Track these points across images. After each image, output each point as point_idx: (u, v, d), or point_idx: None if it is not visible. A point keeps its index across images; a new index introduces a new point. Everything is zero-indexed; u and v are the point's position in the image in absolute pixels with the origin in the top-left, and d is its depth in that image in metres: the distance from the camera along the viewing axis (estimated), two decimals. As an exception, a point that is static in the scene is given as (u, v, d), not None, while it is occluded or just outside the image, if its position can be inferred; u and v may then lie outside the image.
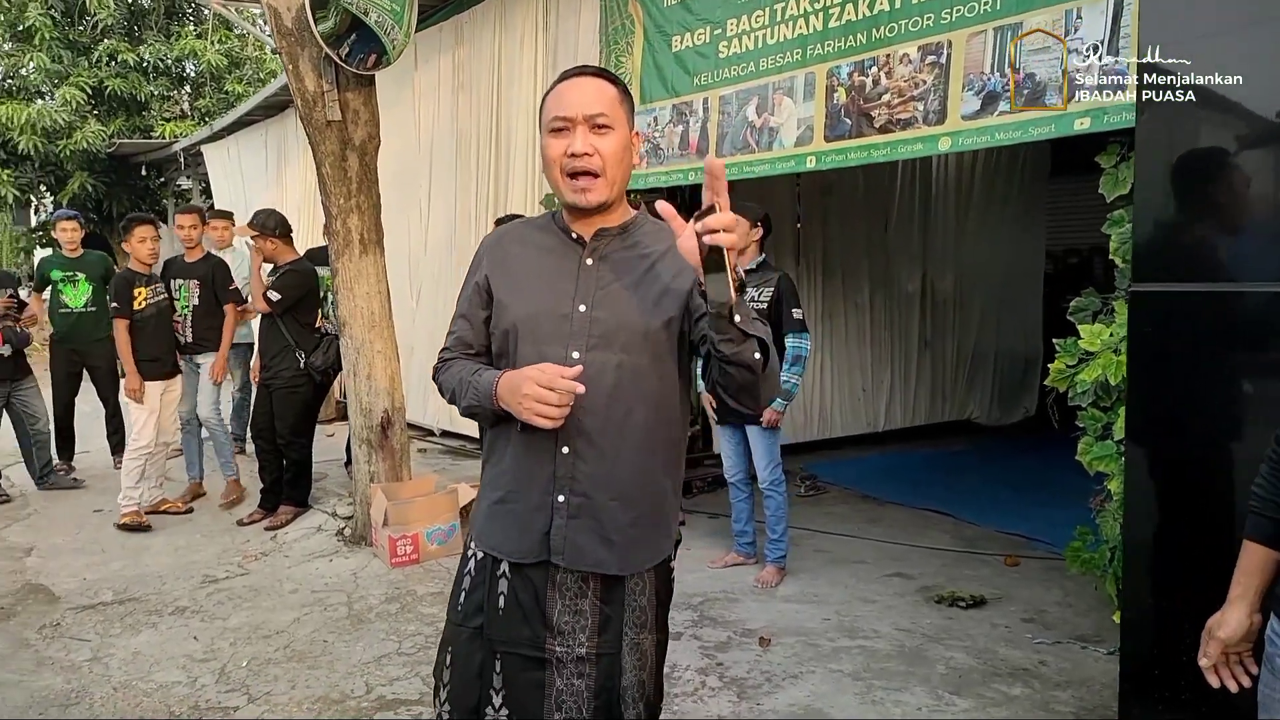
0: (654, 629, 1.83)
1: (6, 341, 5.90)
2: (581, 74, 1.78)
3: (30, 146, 13.45)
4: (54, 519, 5.73)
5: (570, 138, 1.71)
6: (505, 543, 1.80)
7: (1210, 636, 1.77)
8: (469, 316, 1.88)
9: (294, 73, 4.64)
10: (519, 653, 1.78)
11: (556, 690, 1.76)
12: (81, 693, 3.45)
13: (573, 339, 1.73)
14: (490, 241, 1.92)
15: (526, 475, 1.77)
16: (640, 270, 1.77)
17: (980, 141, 3.93)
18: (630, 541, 1.76)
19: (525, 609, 1.78)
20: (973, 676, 3.44)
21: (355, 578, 4.61)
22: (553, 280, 1.79)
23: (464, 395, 1.79)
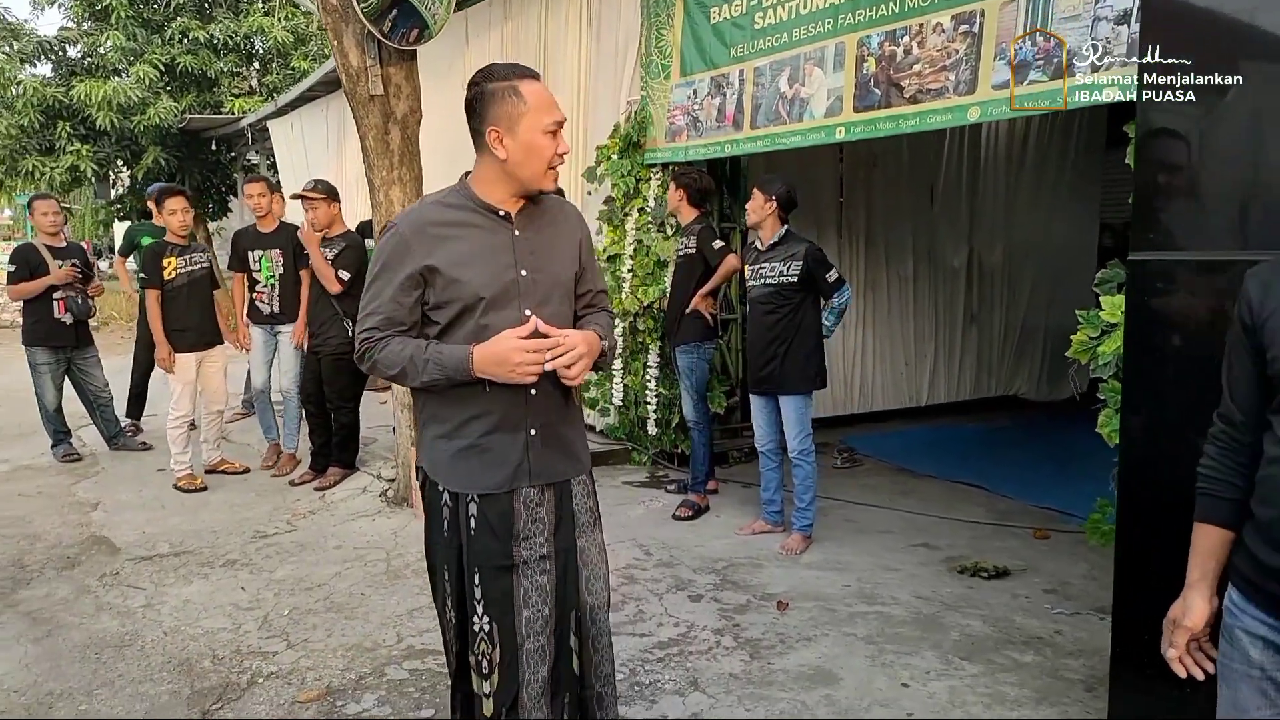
0: (597, 530, 2.26)
1: (68, 310, 6.20)
2: (538, 78, 2.10)
3: (107, 122, 13.93)
4: (120, 477, 6.05)
5: (560, 140, 2.07)
6: (482, 480, 2.08)
7: (1176, 626, 1.76)
8: (398, 299, 2.06)
9: (339, 49, 4.79)
10: (492, 564, 2.08)
11: (523, 590, 2.08)
12: (134, 635, 3.69)
13: (522, 299, 2.08)
14: (409, 231, 2.08)
15: (501, 419, 2.08)
16: (550, 236, 2.17)
17: (1010, 111, 3.91)
18: (577, 451, 2.22)
19: (495, 528, 2.08)
20: (986, 643, 3.48)
21: (395, 536, 4.80)
22: (494, 254, 2.08)
23: (422, 372, 2.03)
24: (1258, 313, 1.61)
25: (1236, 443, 1.70)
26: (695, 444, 5.16)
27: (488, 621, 2.07)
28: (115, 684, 3.30)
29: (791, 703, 3.08)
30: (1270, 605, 1.60)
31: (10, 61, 14.29)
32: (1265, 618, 1.62)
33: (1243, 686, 1.67)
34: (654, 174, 5.82)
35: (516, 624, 2.07)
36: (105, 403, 6.61)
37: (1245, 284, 1.65)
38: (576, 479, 2.20)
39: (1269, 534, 1.59)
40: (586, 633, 2.21)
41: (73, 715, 3.09)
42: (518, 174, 2.07)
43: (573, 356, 2.01)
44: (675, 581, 4.13)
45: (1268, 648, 1.62)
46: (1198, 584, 1.74)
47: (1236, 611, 1.68)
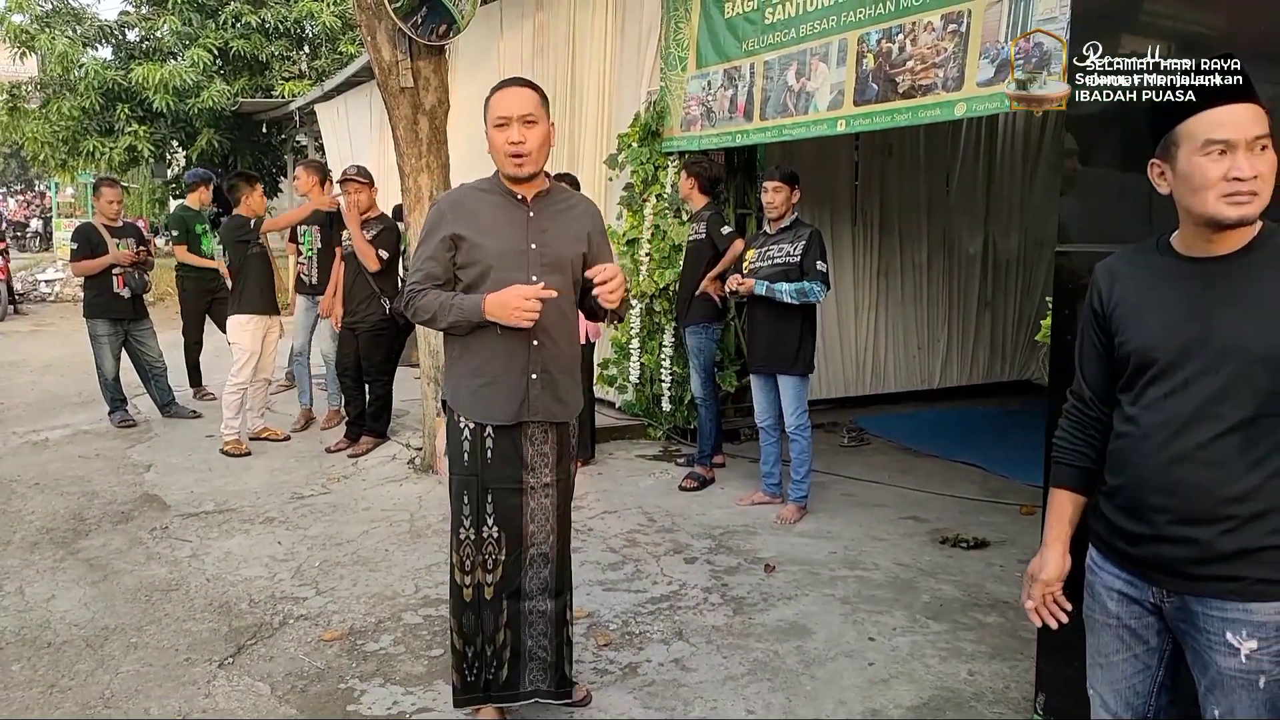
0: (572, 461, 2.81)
1: (126, 285, 6.68)
2: (514, 84, 2.61)
3: (163, 105, 14.48)
4: (171, 442, 6.50)
5: (509, 131, 2.53)
6: (492, 412, 2.61)
7: (1033, 580, 1.97)
8: (436, 258, 2.62)
9: (372, 44, 5.13)
10: (505, 487, 2.64)
11: (530, 509, 2.66)
12: (180, 581, 4.09)
13: (530, 267, 2.58)
14: (447, 205, 2.69)
15: (507, 362, 2.58)
16: (562, 221, 2.68)
17: (993, 107, 4.14)
18: (572, 399, 2.72)
19: (507, 456, 2.63)
20: (953, 605, 3.75)
21: (419, 500, 5.17)
22: (511, 228, 2.62)
23: (446, 315, 2.56)
24: (1106, 302, 1.84)
25: (1087, 417, 1.93)
26: (702, 419, 5.46)
27: (497, 530, 2.64)
28: (162, 621, 3.69)
29: (765, 652, 3.38)
30: (1123, 561, 1.84)
31: (73, 45, 14.88)
32: (1119, 573, 1.85)
33: (1103, 634, 1.92)
34: (671, 162, 6.09)
35: (523, 534, 2.65)
36: (160, 373, 7.06)
37: (1095, 274, 1.88)
38: (569, 422, 2.72)
39: (1118, 499, 1.83)
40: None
41: (124, 646, 3.49)
42: (495, 162, 2.62)
43: (609, 275, 2.50)
44: (673, 545, 4.44)
45: (1123, 599, 1.86)
46: (1053, 543, 1.95)
47: (1096, 569, 1.92)
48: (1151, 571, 1.79)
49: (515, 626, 2.70)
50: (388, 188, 7.51)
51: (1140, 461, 1.76)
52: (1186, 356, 1.70)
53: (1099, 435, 1.91)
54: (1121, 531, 1.83)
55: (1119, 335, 1.81)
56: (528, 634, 2.71)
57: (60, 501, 5.17)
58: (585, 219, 2.74)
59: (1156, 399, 1.74)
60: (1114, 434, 1.85)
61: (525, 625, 2.70)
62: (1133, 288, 1.81)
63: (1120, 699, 1.92)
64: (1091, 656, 1.97)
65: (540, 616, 2.71)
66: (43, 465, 5.91)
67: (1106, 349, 1.86)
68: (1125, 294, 1.82)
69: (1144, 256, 1.85)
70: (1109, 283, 1.85)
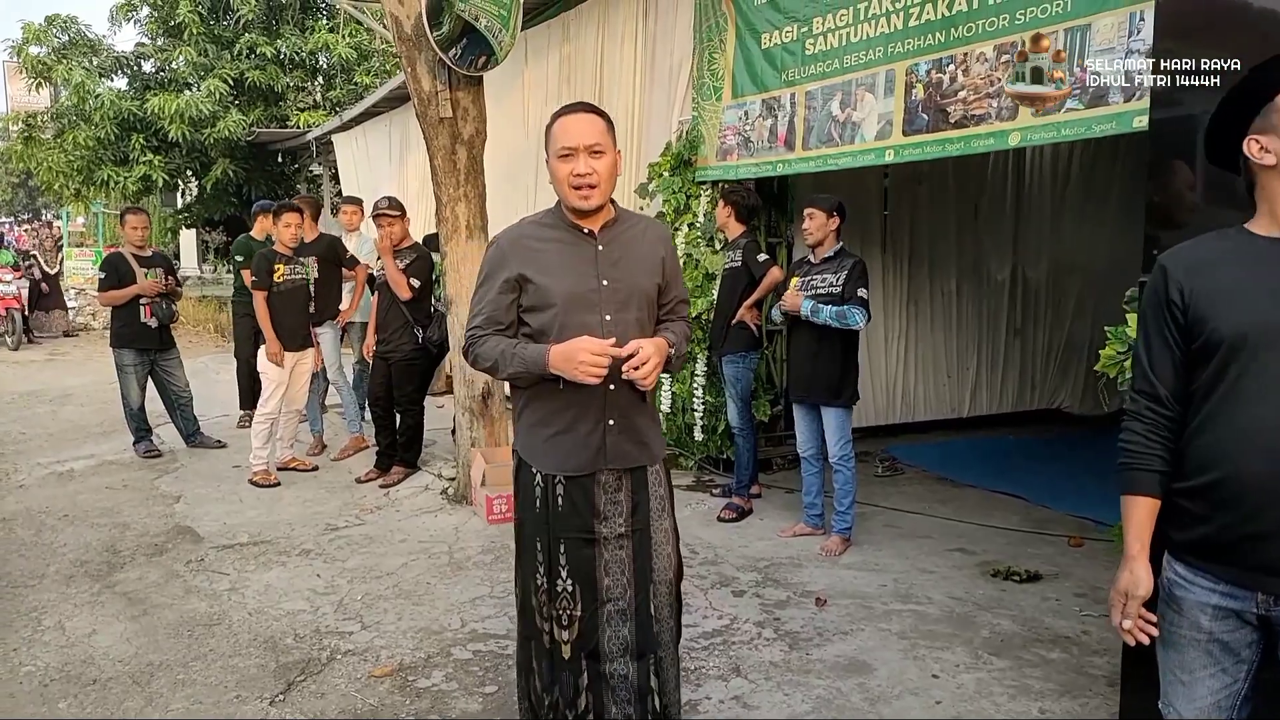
0: (669, 514, 2.57)
1: (154, 315, 6.65)
2: (578, 110, 2.42)
3: (179, 135, 14.53)
4: (199, 472, 6.44)
5: (575, 162, 2.35)
6: (565, 463, 2.44)
7: (1129, 598, 1.85)
8: (497, 301, 2.45)
9: (412, 75, 5.13)
10: (576, 537, 2.45)
11: (604, 560, 2.46)
12: (222, 615, 4.02)
13: (602, 306, 2.40)
14: (508, 244, 2.49)
15: (580, 410, 2.41)
16: (633, 252, 2.48)
17: (1047, 137, 4.12)
18: (650, 440, 2.52)
19: (578, 506, 2.44)
20: (1014, 641, 3.68)
21: (456, 531, 5.10)
22: (579, 265, 2.42)
23: (508, 365, 2.39)
24: (1185, 292, 1.78)
25: (1162, 418, 1.84)
26: (740, 450, 5.40)
27: (571, 584, 2.45)
28: (207, 657, 3.62)
29: (827, 689, 3.31)
30: (1223, 569, 1.75)
31: (90, 76, 14.97)
32: (1216, 585, 1.77)
33: (1189, 651, 1.84)
34: (704, 190, 6.08)
35: (598, 588, 2.45)
36: (185, 402, 7.02)
37: (1166, 268, 1.83)
38: (651, 468, 2.51)
39: (1213, 499, 1.74)
40: (655, 603, 2.53)
41: (172, 683, 3.42)
42: (558, 194, 2.44)
43: (648, 369, 2.29)
44: (719, 578, 4.37)
45: (1218, 613, 1.79)
46: (1140, 555, 1.84)
47: (1185, 584, 1.83)
48: (1261, 576, 1.71)
49: (598, 692, 2.47)
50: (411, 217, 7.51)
51: (1243, 455, 1.69)
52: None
53: (1174, 437, 1.84)
54: (1218, 537, 1.74)
55: (1208, 323, 1.75)
56: (610, 700, 2.46)
57: (92, 533, 5.11)
58: (658, 244, 2.54)
59: (1259, 385, 1.68)
60: (1196, 430, 1.78)
61: (608, 692, 2.46)
62: (1213, 274, 1.77)
63: (1202, 716, 1.85)
64: (1171, 674, 1.90)
65: (623, 682, 2.46)
66: (71, 497, 5.85)
67: (1183, 344, 1.80)
68: (1205, 282, 1.77)
69: (1221, 243, 1.81)
70: (1184, 273, 1.80)
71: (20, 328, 13.13)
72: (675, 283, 2.60)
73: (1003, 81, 4.13)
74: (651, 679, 2.52)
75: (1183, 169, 2.47)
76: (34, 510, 5.56)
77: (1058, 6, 3.97)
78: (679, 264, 2.69)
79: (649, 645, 2.50)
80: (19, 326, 13.10)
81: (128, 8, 16.22)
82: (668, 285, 2.55)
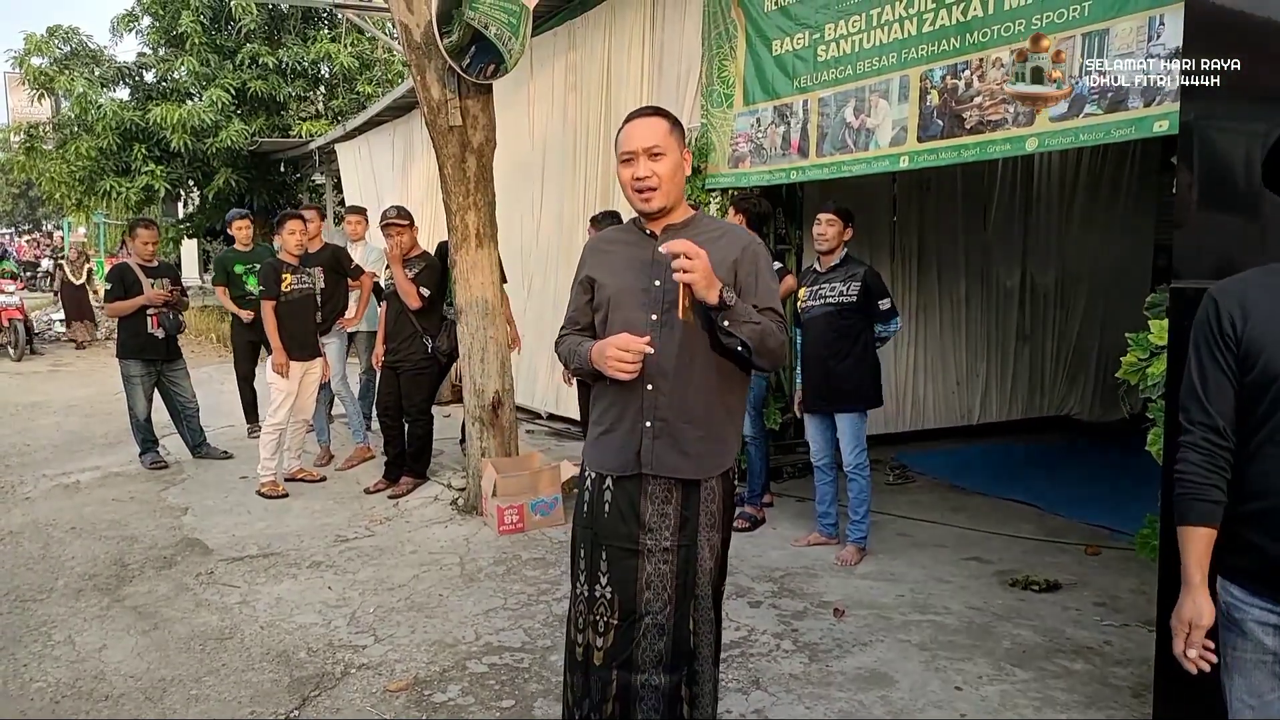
0: (720, 529, 2.48)
1: (161, 326, 6.61)
2: (642, 114, 2.45)
3: (181, 144, 14.52)
4: (205, 483, 6.40)
5: (635, 166, 2.38)
6: (608, 461, 2.45)
7: (1193, 627, 1.86)
8: (576, 302, 2.58)
9: (421, 83, 5.10)
10: (619, 545, 2.41)
11: (646, 574, 2.39)
12: (233, 629, 3.98)
13: (652, 306, 2.39)
14: (588, 247, 2.65)
15: (621, 409, 2.42)
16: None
17: (1065, 142, 4.08)
18: (699, 453, 2.39)
19: (623, 512, 2.41)
20: (1036, 652, 3.63)
21: (467, 542, 5.06)
22: (635, 265, 2.45)
23: (573, 360, 2.50)
24: (1239, 325, 1.81)
25: (1219, 448, 1.87)
26: (751, 459, 5.36)
27: (610, 591, 2.42)
28: (220, 672, 3.58)
29: (849, 702, 3.27)
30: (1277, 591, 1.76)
31: (91, 86, 14.96)
32: (1275, 606, 1.78)
33: (1257, 673, 1.84)
34: (713, 198, 6.05)
35: (637, 600, 2.39)
36: (192, 413, 6.98)
37: (1217, 299, 1.85)
38: (705, 482, 2.41)
39: (1269, 523, 1.76)
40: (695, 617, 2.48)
41: (185, 699, 3.38)
42: (625, 198, 2.48)
43: (693, 264, 2.15)
44: (735, 589, 4.33)
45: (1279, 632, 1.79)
46: (1202, 585, 1.86)
47: (1243, 606, 1.84)
48: None
49: (625, 700, 2.42)
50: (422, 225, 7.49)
51: None
52: None
53: (1229, 468, 1.86)
54: (1274, 562, 1.76)
55: (1260, 357, 1.78)
56: (638, 709, 2.42)
57: (100, 546, 5.07)
58: (732, 249, 2.39)
59: None
60: (1250, 458, 1.81)
61: (636, 700, 2.42)
62: (1262, 309, 1.79)
63: None
64: (1239, 700, 1.88)
65: (652, 692, 2.41)
66: (77, 509, 5.81)
67: (1237, 374, 1.83)
68: (1257, 317, 1.79)
69: (1269, 279, 1.83)
70: (1239, 306, 1.82)
71: (23, 339, 13.08)
72: (753, 291, 2.38)
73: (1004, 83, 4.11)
74: (683, 689, 2.46)
75: (1214, 169, 2.44)
76: (41, 523, 5.51)
77: (1075, 11, 3.94)
78: (765, 276, 2.44)
79: (683, 660, 2.45)
80: (21, 337, 13.06)
81: (129, 18, 16.21)
82: (743, 292, 2.36)
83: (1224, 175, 2.43)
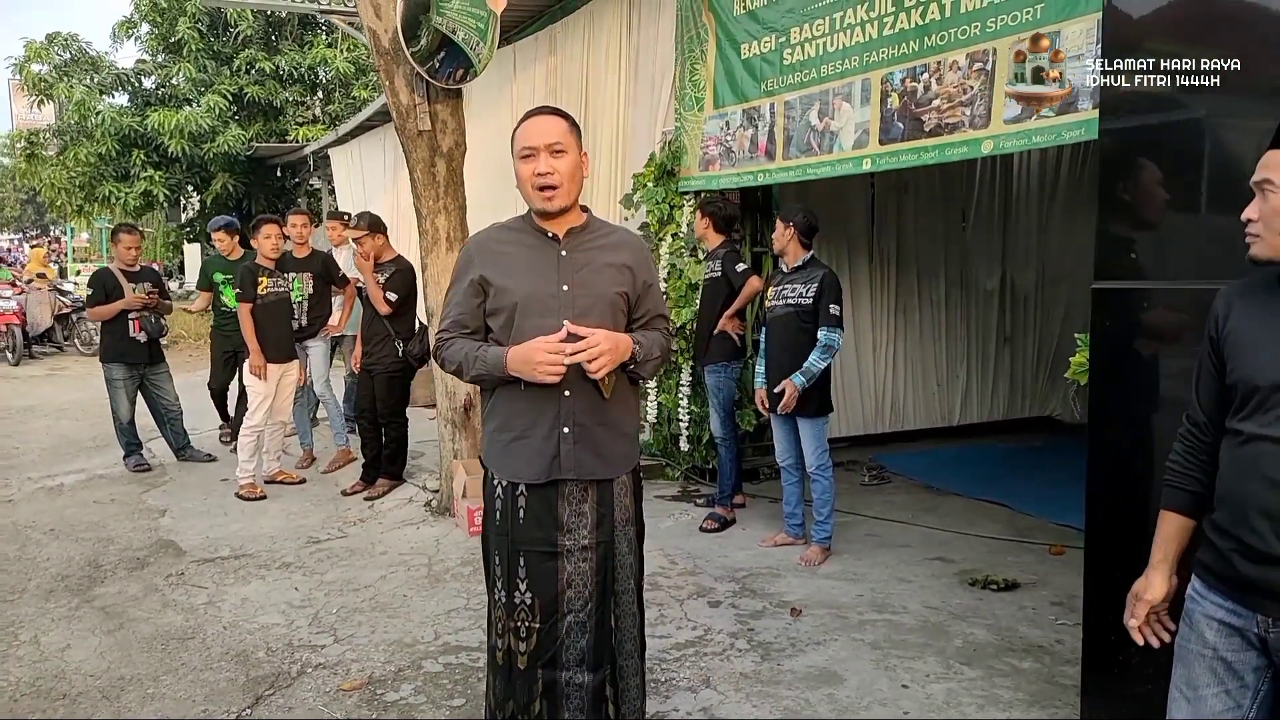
0: (635, 521, 2.53)
1: (143, 330, 6.67)
2: (540, 113, 2.40)
3: (179, 150, 14.64)
4: (186, 486, 6.45)
5: (535, 162, 2.32)
6: (521, 469, 2.39)
7: (1137, 599, 1.99)
8: (463, 304, 2.44)
9: (390, 88, 5.15)
10: (537, 550, 2.40)
11: (566, 573, 2.40)
12: (196, 629, 4.02)
13: (561, 311, 2.33)
14: (475, 247, 2.50)
15: (535, 416, 2.37)
16: (600, 258, 2.42)
17: (1020, 144, 4.11)
18: (614, 455, 2.44)
19: (539, 517, 2.39)
20: (987, 650, 3.65)
21: (437, 543, 5.10)
22: (541, 269, 2.39)
23: (471, 367, 2.38)
24: (1221, 329, 1.86)
25: (1200, 442, 1.94)
26: (722, 460, 5.39)
27: (530, 596, 2.40)
28: (179, 671, 3.62)
29: (796, 700, 3.29)
30: (1228, 588, 1.82)
31: (90, 93, 15.09)
32: (1223, 602, 1.83)
33: (1196, 665, 1.88)
34: (687, 201, 6.08)
35: (559, 600, 2.39)
36: (175, 416, 7.04)
37: (1215, 301, 1.89)
38: (618, 479, 2.46)
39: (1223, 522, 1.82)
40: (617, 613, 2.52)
41: (141, 698, 3.42)
42: (524, 198, 2.40)
43: (594, 352, 2.22)
44: (697, 589, 4.36)
45: (1223, 629, 1.83)
46: (1159, 564, 1.96)
47: (1198, 598, 1.90)
48: (1258, 598, 1.77)
49: (552, 698, 2.43)
50: (401, 230, 7.55)
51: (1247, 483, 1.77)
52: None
53: (1211, 461, 1.91)
54: (1227, 556, 1.81)
55: (1230, 363, 1.83)
56: (565, 707, 2.43)
57: (75, 548, 5.12)
58: (625, 251, 2.45)
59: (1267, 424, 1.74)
60: (1221, 463, 1.86)
61: (563, 699, 2.43)
62: (1244, 317, 1.83)
63: None
64: (1178, 689, 1.93)
65: (577, 690, 2.42)
66: (58, 511, 5.87)
67: (1219, 375, 1.88)
68: (1237, 323, 1.83)
69: (1258, 287, 1.85)
70: (1225, 310, 1.87)
71: (20, 343, 13.18)
72: (648, 296, 2.50)
73: (976, 89, 4.13)
74: (607, 688, 2.48)
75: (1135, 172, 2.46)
76: (20, 525, 5.57)
77: (1028, 14, 3.97)
78: (656, 278, 2.58)
79: (606, 656, 2.47)
80: (19, 342, 13.16)
81: (128, 25, 16.35)
82: (639, 299, 2.46)
83: (1138, 174, 2.45)
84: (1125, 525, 2.51)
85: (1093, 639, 2.62)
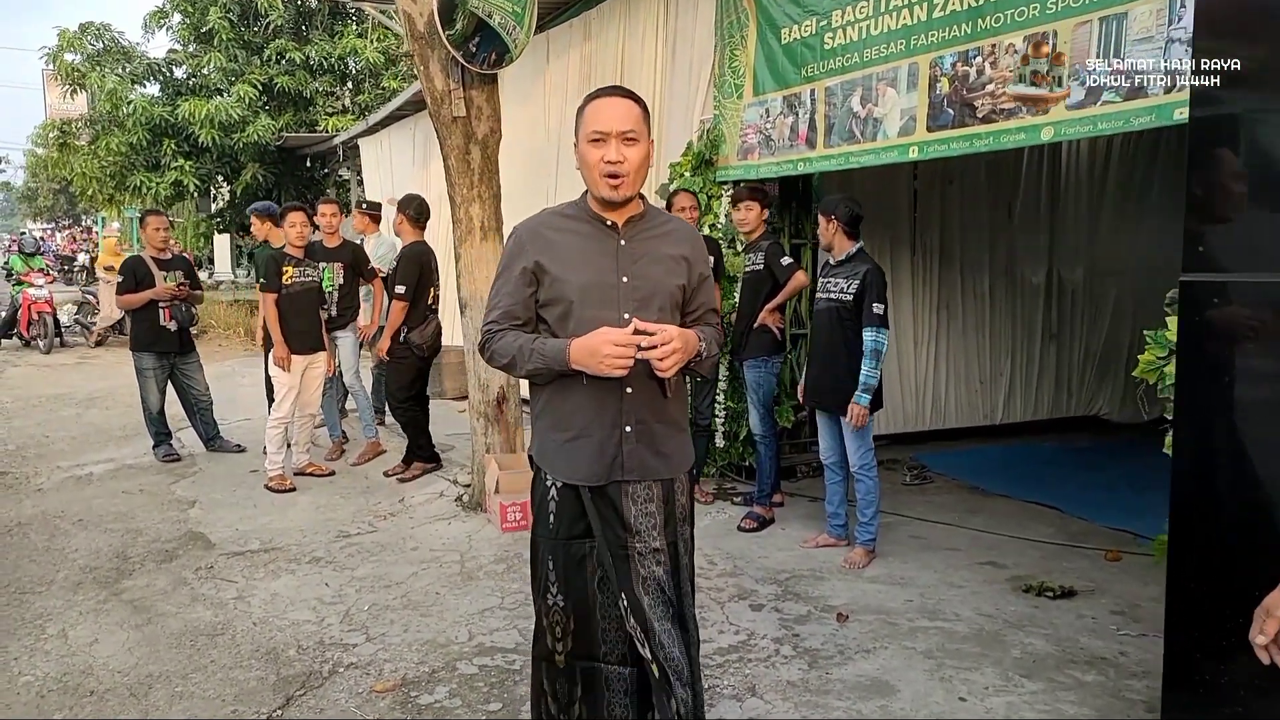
0: (690, 522, 2.41)
1: (173, 318, 6.61)
2: (613, 94, 2.25)
3: (209, 140, 14.62)
4: (215, 477, 6.38)
5: (606, 148, 2.18)
6: (581, 470, 2.26)
7: (1269, 615, 1.76)
8: (514, 294, 2.29)
9: (425, 73, 5.03)
10: (609, 552, 2.25)
11: (642, 579, 2.26)
12: (226, 625, 3.93)
13: (621, 303, 2.23)
14: (526, 233, 2.33)
15: (596, 414, 2.25)
16: (659, 248, 2.30)
17: (1083, 131, 3.92)
18: (673, 452, 2.33)
19: (606, 519, 2.26)
20: (1047, 662, 3.48)
21: (469, 539, 4.98)
22: (598, 259, 2.26)
23: (527, 361, 2.23)
24: None
25: None
26: (761, 457, 5.23)
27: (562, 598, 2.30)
28: (208, 669, 3.53)
29: (847, 712, 3.14)
30: None
31: (122, 83, 15.11)
32: None
33: None
34: (725, 191, 5.92)
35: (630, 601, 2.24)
36: (205, 406, 6.98)
37: None
38: (677, 478, 2.35)
39: None
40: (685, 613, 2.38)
41: (169, 696, 3.32)
42: (586, 182, 2.26)
43: (667, 350, 2.10)
44: (737, 591, 4.21)
45: None
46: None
47: None
48: None
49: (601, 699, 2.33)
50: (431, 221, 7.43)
51: None
52: None
53: None
54: None
55: None
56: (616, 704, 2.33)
57: (104, 539, 5.05)
58: (683, 244, 2.33)
59: None
60: None
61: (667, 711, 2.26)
62: None
63: None
64: None
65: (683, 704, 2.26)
66: (87, 501, 5.81)
67: None
68: None
69: None
70: None
71: (52, 331, 13.23)
72: (703, 289, 2.39)
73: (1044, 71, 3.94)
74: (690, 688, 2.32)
75: (1228, 159, 2.28)
76: (49, 514, 5.52)
77: (1091, -7, 3.78)
78: (710, 271, 2.45)
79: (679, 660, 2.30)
80: (50, 330, 13.21)
81: (160, 15, 16.36)
82: (694, 291, 2.36)
83: (1235, 163, 2.27)
84: (1212, 533, 2.34)
85: (1174, 654, 2.44)
